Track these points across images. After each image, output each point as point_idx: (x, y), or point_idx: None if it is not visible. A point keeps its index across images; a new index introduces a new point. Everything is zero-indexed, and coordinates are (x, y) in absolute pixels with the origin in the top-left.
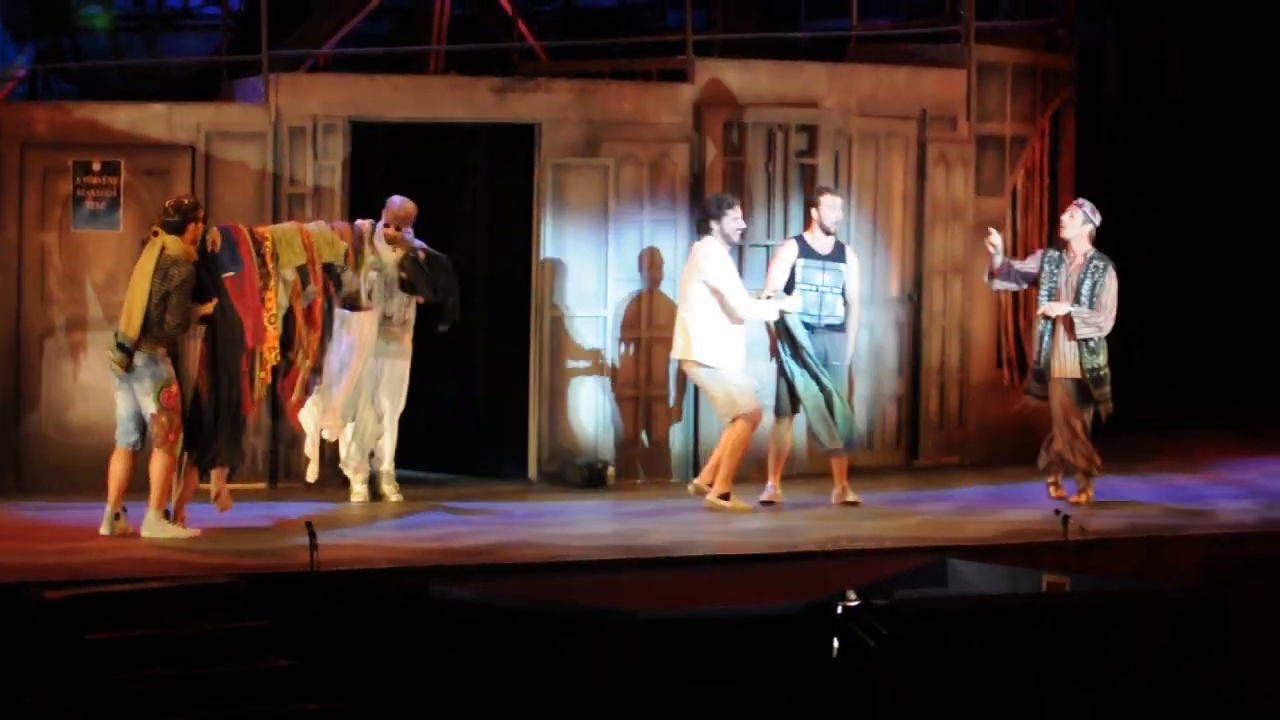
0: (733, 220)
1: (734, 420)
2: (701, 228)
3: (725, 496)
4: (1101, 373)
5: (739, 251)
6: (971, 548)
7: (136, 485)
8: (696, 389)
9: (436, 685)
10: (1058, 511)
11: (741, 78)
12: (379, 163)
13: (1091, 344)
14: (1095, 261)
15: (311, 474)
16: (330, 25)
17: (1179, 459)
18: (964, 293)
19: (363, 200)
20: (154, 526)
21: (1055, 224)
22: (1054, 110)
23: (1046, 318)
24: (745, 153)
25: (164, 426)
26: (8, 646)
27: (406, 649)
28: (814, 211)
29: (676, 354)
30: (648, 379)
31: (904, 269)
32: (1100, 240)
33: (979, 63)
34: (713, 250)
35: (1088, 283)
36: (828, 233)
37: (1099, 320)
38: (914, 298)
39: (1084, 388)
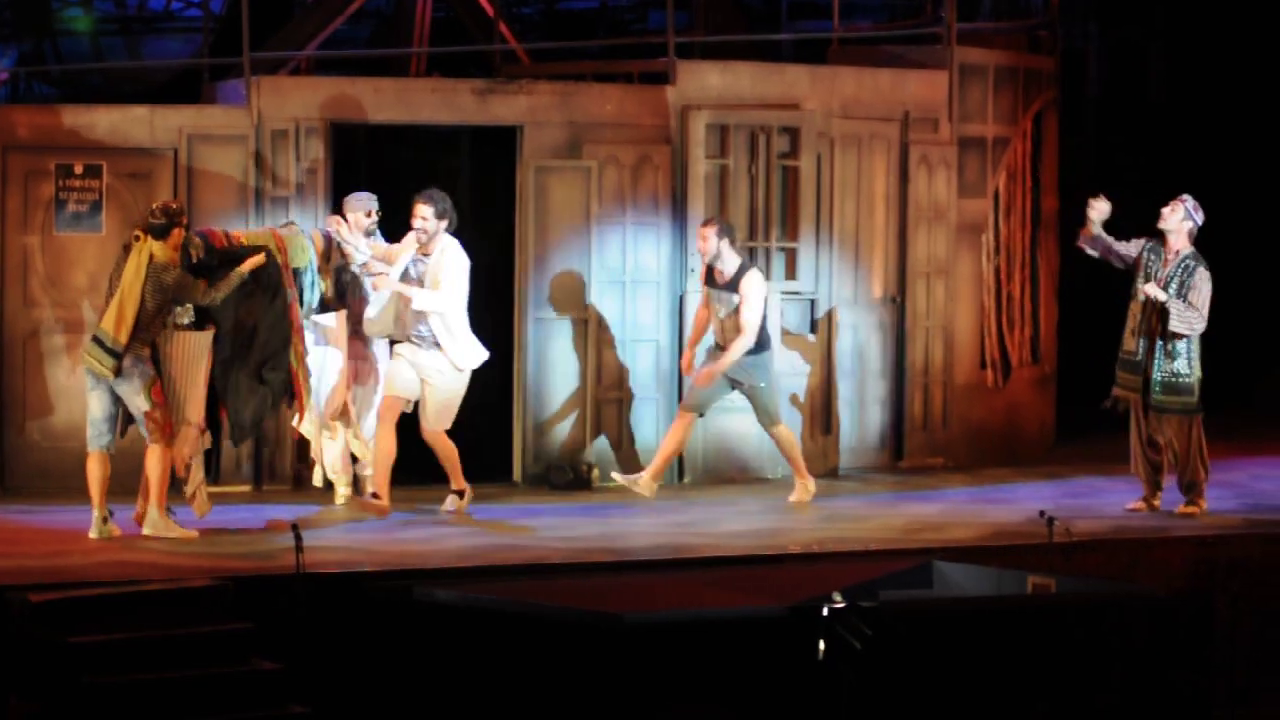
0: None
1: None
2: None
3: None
4: (1176, 381)
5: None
6: (957, 549)
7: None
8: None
9: (421, 688)
10: (1042, 513)
11: (723, 80)
12: (360, 165)
13: (1172, 347)
14: (1187, 261)
15: (317, 478)
16: (311, 28)
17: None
18: (947, 294)
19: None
20: (157, 524)
21: (1038, 223)
22: (1036, 111)
23: (1142, 296)
24: (728, 155)
25: (158, 422)
26: None
27: (391, 652)
28: None
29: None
30: (632, 380)
31: (887, 271)
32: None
33: (961, 64)
34: None
35: (1175, 283)
36: (711, 267)
37: (1191, 318)
38: (897, 299)
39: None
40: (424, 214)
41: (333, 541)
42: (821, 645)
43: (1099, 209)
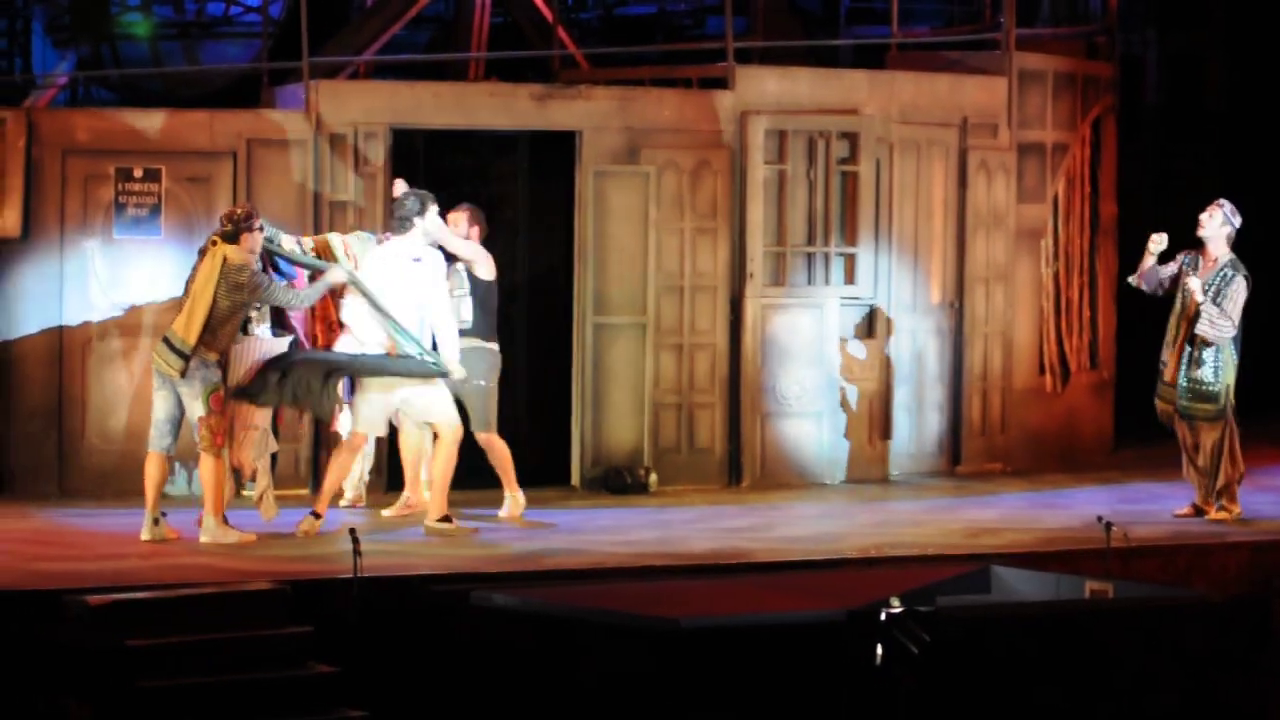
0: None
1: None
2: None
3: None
4: (1201, 388)
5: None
6: (1015, 555)
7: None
8: None
9: (478, 692)
10: (1100, 518)
11: (782, 85)
12: (419, 170)
13: (1199, 355)
14: (1225, 269)
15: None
16: (370, 33)
17: None
18: (1006, 299)
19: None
20: (215, 532)
21: (1097, 229)
22: (1095, 117)
23: (1178, 304)
24: (786, 160)
25: (211, 429)
26: (50, 652)
27: (448, 655)
28: None
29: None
30: (690, 385)
31: (945, 276)
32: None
33: (1020, 70)
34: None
35: (1212, 290)
36: None
37: (1222, 325)
38: (956, 305)
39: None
40: None
41: (390, 545)
42: (879, 650)
43: (1158, 241)
